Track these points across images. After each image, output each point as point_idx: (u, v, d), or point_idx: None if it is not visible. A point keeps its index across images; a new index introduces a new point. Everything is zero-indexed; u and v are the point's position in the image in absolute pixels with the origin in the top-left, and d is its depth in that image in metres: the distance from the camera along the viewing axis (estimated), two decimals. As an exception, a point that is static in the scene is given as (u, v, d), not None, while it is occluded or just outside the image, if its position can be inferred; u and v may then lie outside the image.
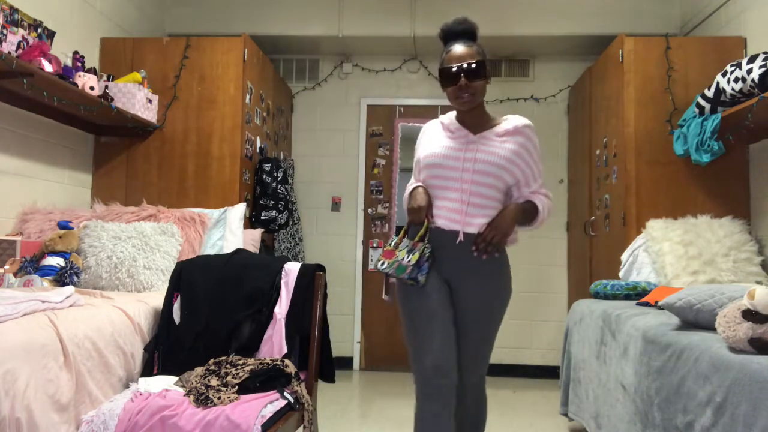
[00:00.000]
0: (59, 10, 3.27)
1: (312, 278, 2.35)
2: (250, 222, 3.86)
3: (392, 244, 1.99)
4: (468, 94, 1.95)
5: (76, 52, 3.13)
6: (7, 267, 2.61)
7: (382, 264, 1.95)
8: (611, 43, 3.76)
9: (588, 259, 4.18)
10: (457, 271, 1.97)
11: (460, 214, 1.94)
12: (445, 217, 1.96)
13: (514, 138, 1.98)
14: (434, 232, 1.96)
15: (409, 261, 1.89)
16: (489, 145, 1.97)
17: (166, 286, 2.56)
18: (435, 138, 2.05)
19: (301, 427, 2.07)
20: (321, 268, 2.39)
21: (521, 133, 2.00)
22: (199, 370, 2.10)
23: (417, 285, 1.91)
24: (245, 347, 2.30)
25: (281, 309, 2.35)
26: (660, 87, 3.48)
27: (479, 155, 1.96)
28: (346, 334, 4.88)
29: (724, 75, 2.90)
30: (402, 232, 2.02)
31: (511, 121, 2.03)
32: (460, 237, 1.94)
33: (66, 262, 2.68)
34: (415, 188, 2.04)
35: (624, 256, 3.35)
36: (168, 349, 2.29)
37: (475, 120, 2.03)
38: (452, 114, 2.07)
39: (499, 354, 4.73)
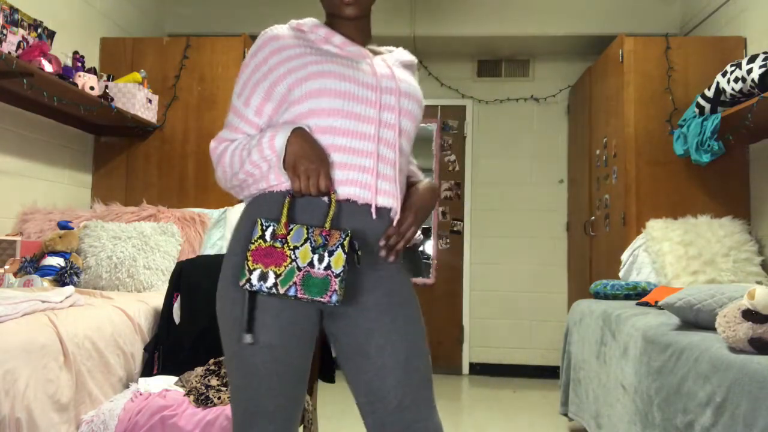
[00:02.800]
0: (59, 10, 3.27)
1: (312, 278, 2.35)
2: (250, 222, 3.86)
3: (268, 237, 1.14)
4: None
5: (76, 52, 3.13)
6: (7, 267, 2.61)
7: (263, 278, 1.12)
8: (611, 43, 3.76)
9: (588, 259, 4.18)
10: (368, 275, 1.23)
11: (372, 176, 1.22)
12: (353, 182, 1.21)
13: (413, 75, 1.38)
14: (341, 208, 1.20)
15: (328, 267, 1.11)
16: (403, 74, 1.32)
17: (166, 286, 2.56)
18: (306, 55, 1.25)
19: (301, 427, 2.07)
20: (321, 268, 2.38)
21: (414, 71, 1.40)
22: (199, 370, 2.10)
23: (333, 306, 1.15)
24: (245, 347, 2.30)
25: (281, 309, 2.34)
26: (660, 87, 3.48)
27: (403, 86, 1.28)
28: (346, 334, 4.87)
29: (724, 75, 2.90)
30: (283, 211, 1.17)
31: (400, 50, 1.41)
32: (373, 212, 1.22)
33: (66, 262, 2.68)
34: (295, 132, 1.18)
35: (624, 256, 3.35)
36: (168, 349, 2.29)
37: (364, 36, 1.34)
38: (310, 20, 1.33)
39: (499, 354, 4.73)
